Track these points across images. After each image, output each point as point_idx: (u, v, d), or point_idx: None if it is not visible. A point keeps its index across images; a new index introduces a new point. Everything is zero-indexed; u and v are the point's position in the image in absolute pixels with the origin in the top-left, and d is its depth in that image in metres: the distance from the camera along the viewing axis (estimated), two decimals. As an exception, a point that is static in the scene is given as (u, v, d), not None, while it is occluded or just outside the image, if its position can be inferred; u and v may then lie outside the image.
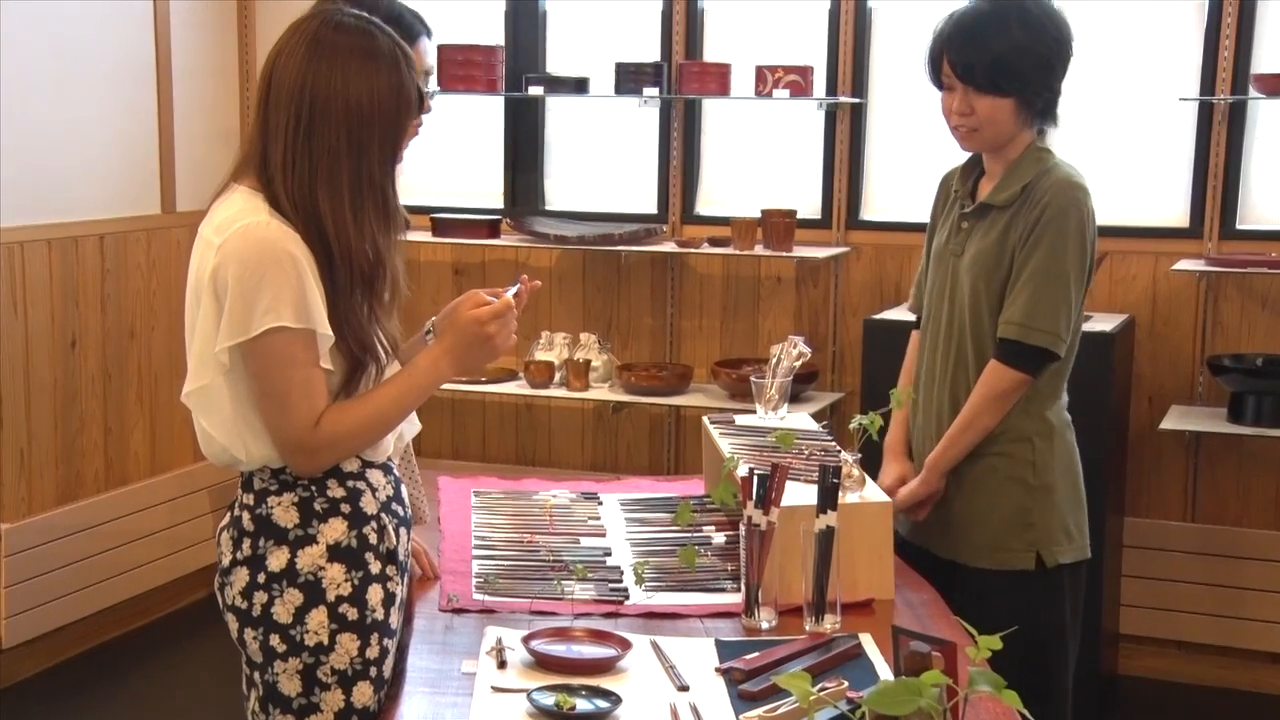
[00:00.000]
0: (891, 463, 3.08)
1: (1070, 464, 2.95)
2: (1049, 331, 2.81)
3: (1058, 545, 2.89)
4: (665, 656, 2.37)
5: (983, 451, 2.90)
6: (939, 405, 2.98)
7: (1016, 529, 2.88)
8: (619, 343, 5.15)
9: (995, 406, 2.86)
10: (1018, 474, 2.89)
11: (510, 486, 3.36)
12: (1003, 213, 2.87)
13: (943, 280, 2.99)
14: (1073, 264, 2.82)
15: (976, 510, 2.92)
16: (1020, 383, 2.84)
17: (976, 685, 1.52)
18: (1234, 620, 4.48)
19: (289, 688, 2.18)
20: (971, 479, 2.92)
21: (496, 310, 2.22)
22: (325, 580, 2.17)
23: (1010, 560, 2.88)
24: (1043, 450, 2.89)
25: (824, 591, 2.48)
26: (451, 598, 2.60)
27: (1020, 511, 2.88)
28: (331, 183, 2.11)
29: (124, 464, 4.87)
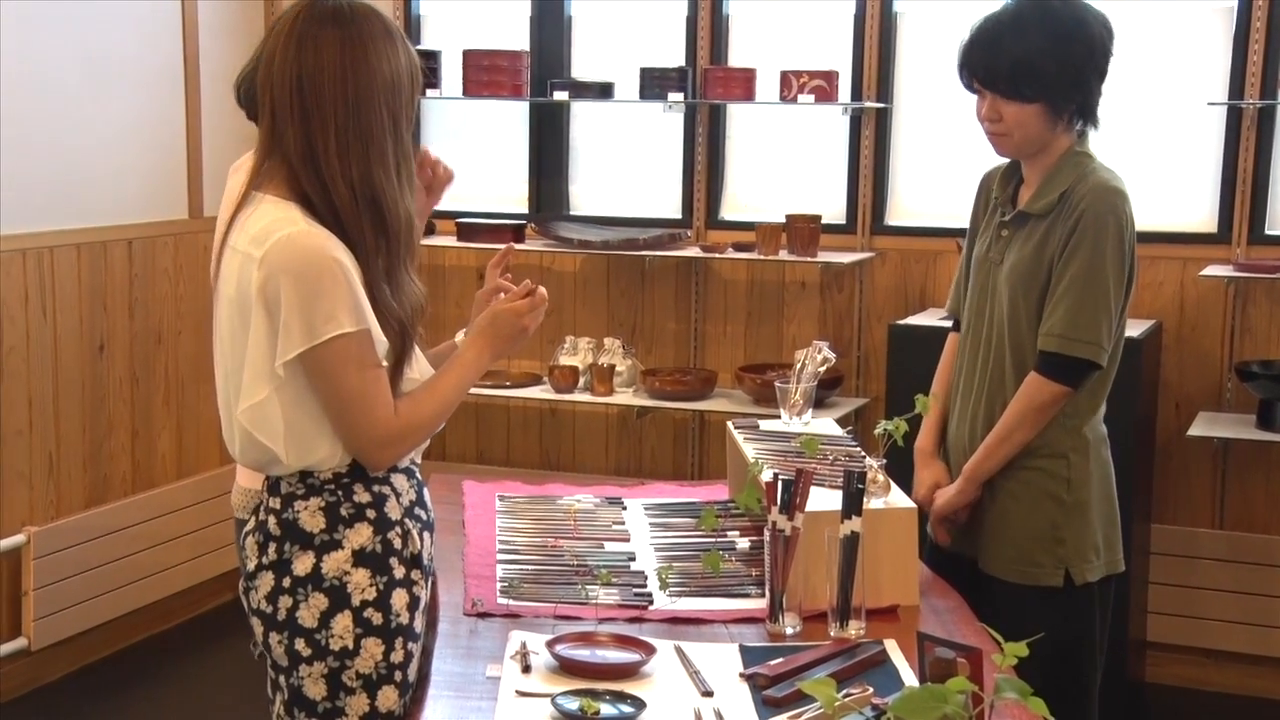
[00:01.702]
0: (925, 468, 3.04)
1: (1105, 479, 2.91)
2: (1091, 342, 2.75)
3: (1088, 563, 2.85)
4: (689, 662, 2.37)
5: (1018, 465, 2.85)
6: (974, 415, 2.94)
7: (1047, 544, 2.84)
8: (643, 348, 5.15)
9: (1034, 419, 2.80)
10: (1052, 490, 2.84)
11: (534, 491, 3.36)
12: (1041, 221, 2.82)
13: (982, 289, 2.94)
14: (1112, 271, 2.76)
15: (1008, 523, 2.88)
16: (1061, 395, 2.79)
17: (1002, 692, 1.52)
18: (1263, 628, 4.45)
19: (314, 691, 2.18)
20: (1005, 491, 2.88)
21: (534, 304, 2.38)
22: (350, 585, 2.17)
23: (1039, 576, 2.84)
24: (1078, 466, 2.85)
25: (848, 597, 2.47)
26: (476, 602, 2.60)
27: (1052, 528, 2.83)
28: (382, 160, 2.18)
29: (151, 467, 4.89)
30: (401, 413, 2.21)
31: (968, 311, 3.01)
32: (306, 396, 2.15)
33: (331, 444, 2.18)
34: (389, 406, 2.18)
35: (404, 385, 2.25)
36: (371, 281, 2.16)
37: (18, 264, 4.33)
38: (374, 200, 2.16)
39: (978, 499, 2.92)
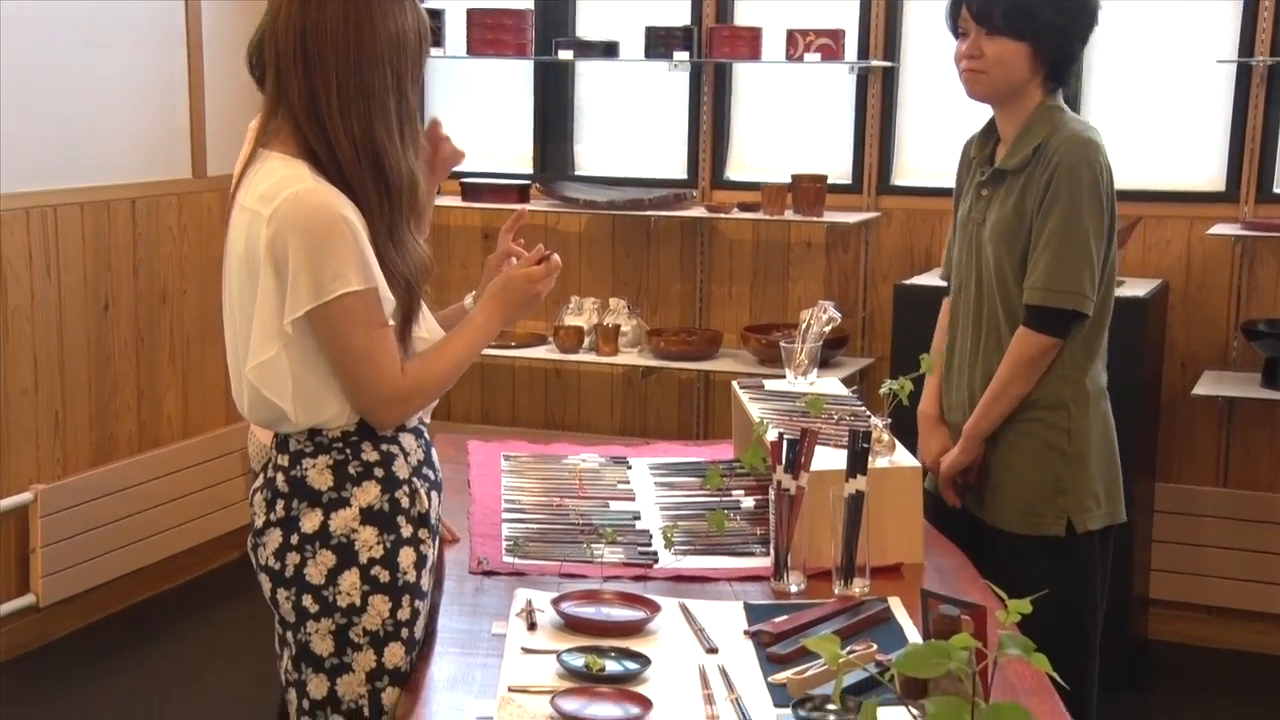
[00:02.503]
0: (930, 434, 3.07)
1: (1105, 430, 2.95)
2: (1073, 292, 2.80)
3: (1089, 512, 2.88)
4: (694, 619, 2.38)
5: (1019, 417, 2.90)
6: (972, 375, 2.97)
7: (1049, 495, 2.88)
8: (648, 308, 5.15)
9: (1026, 372, 2.85)
10: (1053, 441, 2.88)
11: (540, 450, 3.37)
12: (1018, 176, 2.86)
13: (968, 250, 2.99)
14: (1090, 221, 2.80)
15: (1010, 475, 2.92)
16: (1049, 347, 2.83)
17: (1006, 649, 1.52)
18: (1266, 585, 4.46)
19: (321, 647, 2.19)
20: (1006, 444, 2.92)
21: (547, 271, 2.38)
22: (358, 543, 2.18)
23: (1041, 526, 2.88)
24: (1078, 416, 2.89)
25: (853, 555, 2.48)
26: (481, 560, 2.61)
27: (1054, 478, 2.88)
28: (384, 117, 2.17)
29: (157, 427, 4.90)
30: (409, 372, 2.21)
31: (956, 275, 3.04)
32: (315, 354, 2.16)
33: (340, 402, 2.19)
34: (396, 365, 2.19)
35: (415, 345, 2.25)
36: (377, 239, 2.16)
37: (21, 223, 4.33)
38: (375, 157, 2.15)
39: (982, 457, 2.94)
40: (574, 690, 2.07)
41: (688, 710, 2.05)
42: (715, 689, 2.12)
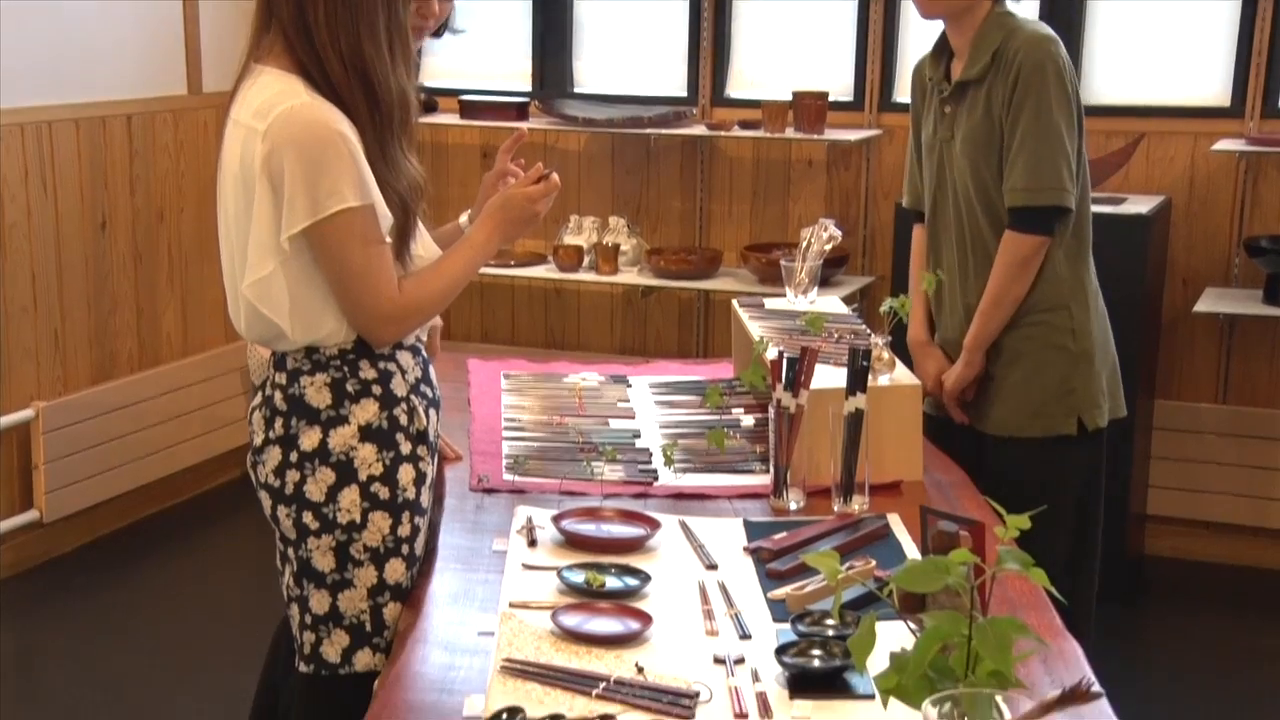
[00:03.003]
0: (925, 359, 3.08)
1: (1104, 326, 2.99)
2: (1054, 188, 2.82)
3: (1098, 408, 2.93)
4: (694, 536, 2.40)
5: (1022, 322, 2.92)
6: (965, 291, 2.97)
7: (1059, 395, 2.91)
8: (648, 227, 5.13)
9: (1020, 275, 2.87)
10: (1058, 341, 2.91)
11: (539, 369, 3.37)
12: (980, 86, 2.87)
13: (940, 173, 2.99)
14: (1061, 115, 2.81)
15: (1019, 380, 2.94)
16: (1039, 246, 2.85)
17: (1004, 564, 1.53)
18: (1263, 500, 4.49)
19: (322, 564, 2.21)
20: (1010, 351, 2.94)
21: (546, 190, 2.36)
22: (357, 460, 2.19)
23: (1053, 426, 2.91)
24: (1080, 316, 2.92)
25: (852, 473, 2.49)
26: (482, 478, 2.62)
27: (1061, 379, 2.91)
28: (373, 34, 2.14)
29: (156, 345, 4.90)
30: (406, 290, 2.20)
31: (929, 201, 3.04)
32: (312, 271, 2.15)
33: (337, 319, 2.18)
34: (393, 283, 2.18)
35: (412, 264, 2.24)
36: (370, 157, 2.14)
37: (16, 138, 4.30)
38: (364, 74, 2.13)
39: (984, 369, 2.96)
40: (574, 606, 2.09)
41: (687, 625, 2.06)
42: (715, 605, 2.13)
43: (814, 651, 1.93)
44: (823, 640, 1.95)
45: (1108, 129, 4.49)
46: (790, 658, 1.91)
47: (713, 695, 1.85)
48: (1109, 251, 3.05)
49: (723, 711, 1.81)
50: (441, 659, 1.96)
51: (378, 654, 2.21)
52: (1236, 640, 4.05)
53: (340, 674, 2.22)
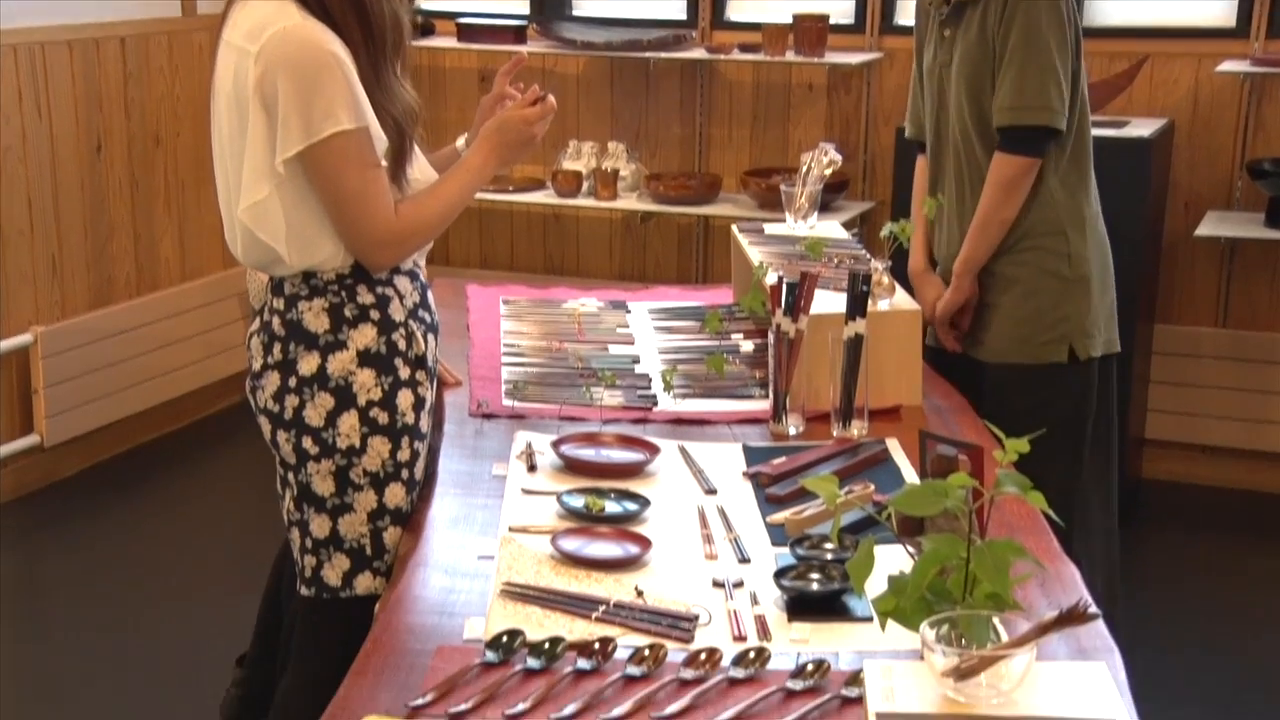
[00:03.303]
0: (925, 286, 3.04)
1: (1103, 255, 2.95)
2: (1041, 107, 2.77)
3: (1090, 338, 2.89)
4: (693, 461, 2.40)
5: (1015, 247, 2.88)
6: (963, 221, 2.93)
7: (1050, 322, 2.87)
8: (647, 152, 5.09)
9: (1007, 197, 2.83)
10: (1052, 267, 2.88)
11: (538, 295, 3.37)
12: (975, 7, 2.83)
13: (940, 99, 2.95)
14: (1051, 33, 2.76)
15: (1011, 305, 2.91)
16: (1026, 167, 2.81)
17: (1003, 487, 1.53)
18: (1260, 424, 4.49)
19: (322, 488, 2.21)
20: (1004, 277, 2.91)
21: (543, 112, 2.34)
22: (356, 385, 2.19)
23: (1043, 353, 2.88)
24: (1077, 242, 2.88)
25: (851, 398, 2.49)
26: (481, 403, 2.63)
27: (1054, 305, 2.88)
28: None
29: (154, 270, 4.89)
30: (403, 214, 2.19)
31: (930, 126, 3.01)
32: (308, 195, 2.13)
33: (334, 243, 2.17)
34: (389, 206, 2.16)
35: (409, 188, 2.23)
36: (364, 79, 2.12)
37: (9, 60, 4.25)
38: None
39: (976, 296, 2.94)
40: (574, 530, 2.10)
41: (686, 550, 2.07)
42: (714, 529, 2.14)
43: (812, 575, 1.94)
44: (821, 564, 1.96)
45: (1111, 50, 4.44)
46: (789, 581, 1.92)
47: (711, 618, 1.86)
48: (1110, 175, 3.02)
49: (721, 634, 1.82)
50: (442, 582, 1.97)
51: (378, 578, 2.23)
52: (1233, 562, 4.07)
53: (341, 597, 2.24)
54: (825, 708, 1.61)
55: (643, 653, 1.72)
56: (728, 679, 1.68)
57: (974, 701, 1.36)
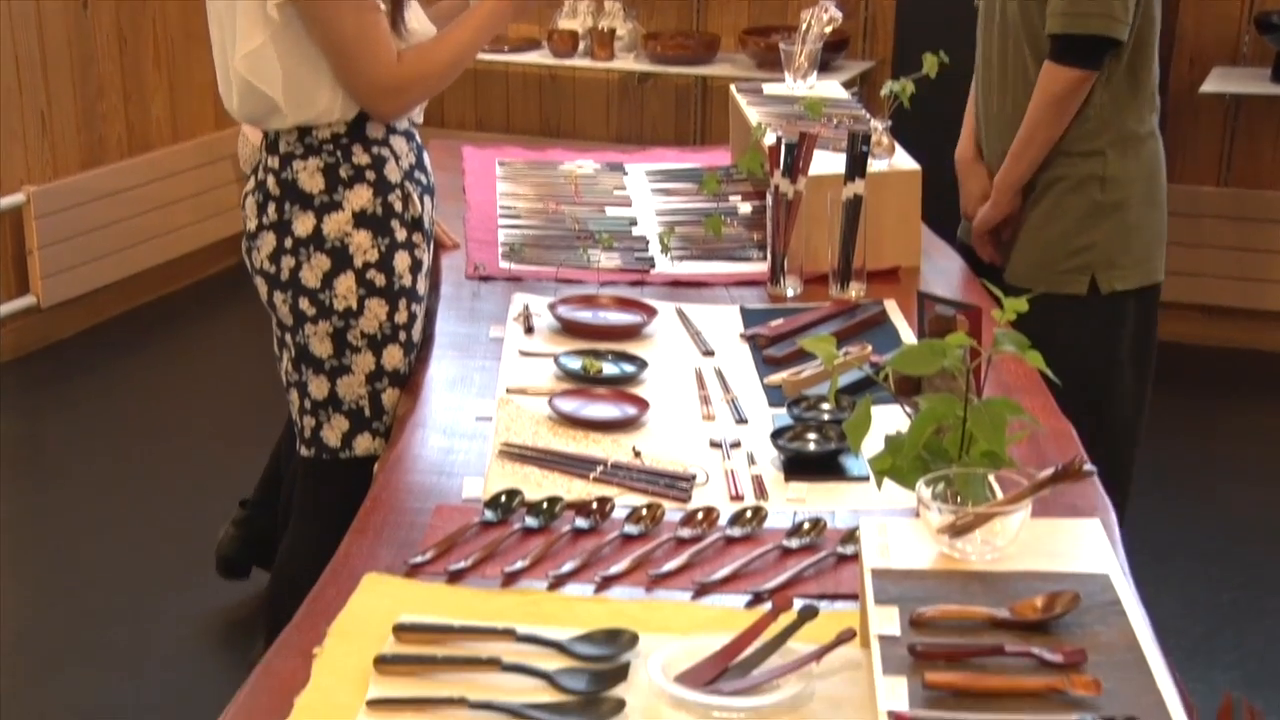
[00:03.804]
0: (970, 178, 2.83)
1: (1151, 178, 2.67)
2: (1100, 15, 2.49)
3: (1118, 270, 2.63)
4: (690, 323, 2.40)
5: (1050, 163, 2.63)
6: (1004, 121, 2.69)
7: (1073, 249, 2.63)
8: (644, 10, 5.00)
9: (1054, 114, 2.57)
10: (1084, 189, 2.62)
11: (535, 157, 3.34)
12: None
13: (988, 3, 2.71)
14: None
15: (1034, 226, 2.68)
16: (1078, 81, 2.54)
17: (1001, 346, 1.53)
18: (1262, 283, 4.48)
19: (320, 350, 2.21)
20: (1035, 194, 2.67)
21: None
22: (352, 246, 2.17)
23: (1062, 283, 2.62)
24: (1116, 163, 2.61)
25: (850, 259, 2.48)
26: (478, 265, 2.62)
27: (1080, 230, 2.62)
28: None
29: (146, 130, 4.83)
30: (407, 60, 2.15)
31: (980, 37, 2.76)
32: (305, 42, 2.09)
33: (331, 94, 2.13)
34: (391, 52, 2.13)
35: (408, 37, 2.18)
36: None
37: (-12, -92, 4.16)
38: None
39: (1018, 211, 2.71)
40: (571, 391, 2.10)
41: (684, 411, 2.08)
42: (711, 390, 2.15)
43: (809, 435, 1.95)
44: (818, 424, 1.97)
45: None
46: (786, 441, 1.94)
47: (709, 478, 1.87)
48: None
49: (719, 494, 1.83)
50: (440, 443, 1.98)
51: (377, 439, 2.24)
52: (1230, 420, 4.10)
53: (340, 458, 2.25)
54: (821, 565, 1.63)
55: (640, 512, 1.74)
56: (725, 537, 1.70)
57: (968, 558, 1.38)
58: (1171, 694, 1.18)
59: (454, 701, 1.36)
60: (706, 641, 1.45)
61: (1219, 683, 2.83)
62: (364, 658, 1.43)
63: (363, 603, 1.55)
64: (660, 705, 1.37)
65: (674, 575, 1.62)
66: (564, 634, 1.47)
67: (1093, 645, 1.24)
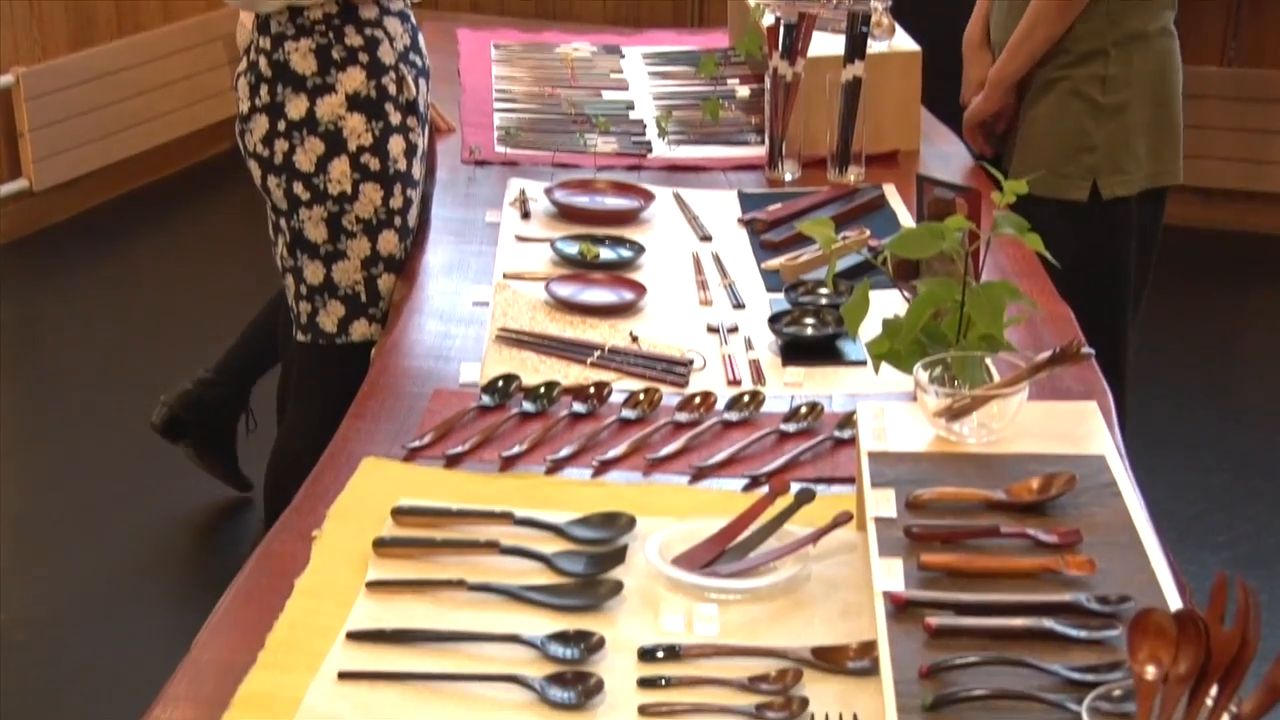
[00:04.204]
0: (973, 60, 2.71)
1: (1159, 78, 2.59)
2: None
3: (1122, 175, 2.53)
4: (688, 208, 2.39)
5: (1051, 62, 2.52)
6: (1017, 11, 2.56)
7: (1074, 152, 2.52)
8: (642, -114, 4.90)
9: (1056, 11, 2.47)
10: (1084, 90, 2.51)
11: (530, 39, 3.29)
12: None
13: None
14: None
15: (1035, 128, 2.57)
16: None
17: (1000, 228, 1.52)
18: (1261, 165, 4.45)
19: (315, 234, 2.20)
20: (1033, 94, 2.57)
21: None
22: (346, 130, 2.15)
23: (1062, 188, 2.50)
24: (1119, 63, 2.50)
25: (849, 143, 2.46)
26: (473, 150, 2.59)
27: (1080, 133, 2.52)
28: None
29: (135, 11, 4.75)
30: None
31: None
32: None
33: None
34: None
35: None
36: None
37: None
38: None
39: (1013, 106, 2.63)
40: (568, 277, 2.10)
41: (681, 296, 2.08)
42: (708, 275, 2.14)
43: (807, 320, 1.95)
44: (816, 309, 1.97)
45: None
46: (783, 326, 1.93)
47: (706, 363, 1.87)
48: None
49: (716, 379, 1.83)
50: (437, 328, 1.98)
51: (373, 324, 2.23)
52: (1229, 304, 4.10)
53: (337, 343, 2.25)
54: (818, 449, 1.64)
55: (637, 397, 1.74)
56: (722, 422, 1.70)
57: (965, 441, 1.38)
58: (1165, 573, 1.20)
59: (453, 584, 1.37)
60: (703, 525, 1.46)
61: (1210, 564, 2.86)
62: (363, 540, 1.45)
63: (361, 486, 1.56)
64: (657, 587, 1.38)
65: (671, 459, 1.62)
66: (562, 517, 1.48)
67: (1088, 526, 1.25)
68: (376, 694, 1.24)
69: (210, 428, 2.96)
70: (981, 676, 1.08)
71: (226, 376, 2.96)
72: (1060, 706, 1.05)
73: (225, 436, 3.00)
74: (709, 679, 1.25)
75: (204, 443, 2.97)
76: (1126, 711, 0.95)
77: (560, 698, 1.23)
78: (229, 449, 3.01)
